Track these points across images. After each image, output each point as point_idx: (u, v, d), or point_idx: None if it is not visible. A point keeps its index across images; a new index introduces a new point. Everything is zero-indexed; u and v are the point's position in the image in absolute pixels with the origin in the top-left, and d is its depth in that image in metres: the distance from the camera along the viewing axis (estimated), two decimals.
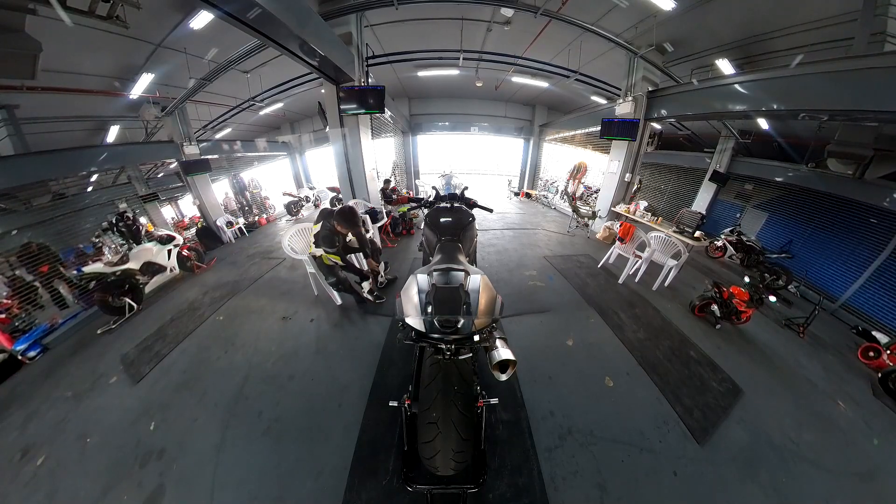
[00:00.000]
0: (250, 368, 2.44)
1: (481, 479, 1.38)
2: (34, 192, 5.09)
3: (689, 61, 5.22)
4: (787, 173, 6.13)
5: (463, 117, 11.12)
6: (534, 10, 4.25)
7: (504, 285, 3.79)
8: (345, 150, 5.24)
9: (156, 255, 4.21)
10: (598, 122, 5.85)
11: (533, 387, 2.22)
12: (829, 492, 1.75)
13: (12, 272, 3.99)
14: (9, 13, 2.95)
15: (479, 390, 1.42)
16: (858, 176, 4.85)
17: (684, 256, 3.86)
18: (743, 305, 3.21)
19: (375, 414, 1.97)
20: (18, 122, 4.60)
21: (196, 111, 6.72)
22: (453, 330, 1.19)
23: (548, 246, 5.42)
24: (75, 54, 4.09)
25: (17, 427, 2.12)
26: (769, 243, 6.00)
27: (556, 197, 9.74)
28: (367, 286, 3.14)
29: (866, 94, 2.80)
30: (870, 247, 4.73)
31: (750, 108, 3.90)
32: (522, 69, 7.14)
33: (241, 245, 6.26)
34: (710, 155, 7.49)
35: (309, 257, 2.99)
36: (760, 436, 2.03)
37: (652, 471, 1.73)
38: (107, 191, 6.83)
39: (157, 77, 5.08)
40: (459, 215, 2.24)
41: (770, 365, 2.81)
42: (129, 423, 2.05)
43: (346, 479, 1.62)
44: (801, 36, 3.84)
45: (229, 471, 1.71)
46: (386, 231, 5.44)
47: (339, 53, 4.00)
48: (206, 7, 2.40)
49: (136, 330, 3.18)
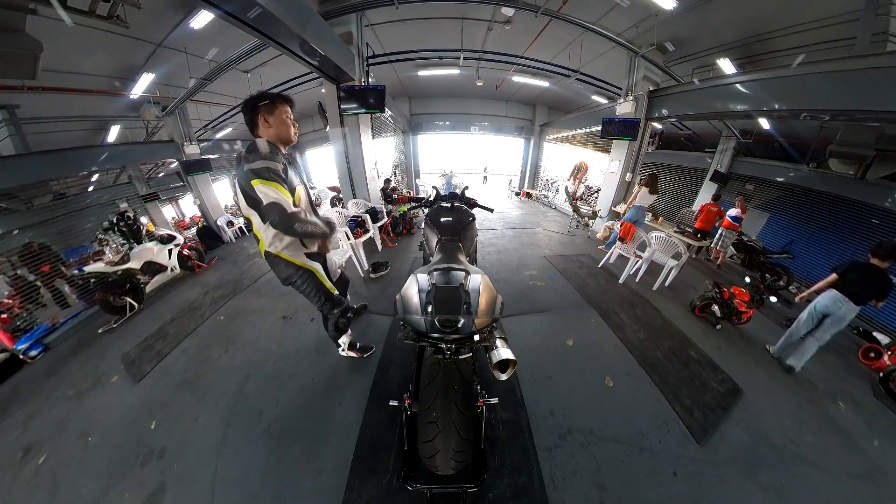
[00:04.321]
0: (251, 368, 2.44)
1: (481, 479, 1.38)
2: (35, 192, 5.11)
3: (690, 61, 5.21)
4: (789, 173, 6.13)
5: (463, 117, 11.12)
6: (534, 9, 4.25)
7: (504, 285, 3.79)
8: (345, 149, 5.25)
9: (157, 255, 4.21)
10: (598, 122, 5.84)
11: (533, 386, 2.22)
12: (829, 492, 1.75)
13: (14, 272, 4.00)
14: (9, 13, 2.95)
15: (480, 390, 1.42)
16: (860, 176, 4.84)
17: (685, 256, 3.85)
18: (743, 306, 3.21)
19: (375, 413, 1.97)
20: (19, 122, 4.61)
21: (196, 111, 6.74)
22: (453, 329, 1.19)
23: (548, 246, 5.41)
24: (76, 54, 4.10)
25: (19, 426, 2.13)
26: (770, 243, 5.99)
27: (557, 196, 9.73)
28: (345, 340, 2.31)
29: (868, 94, 2.80)
30: (871, 247, 4.73)
31: (751, 108, 3.89)
32: (523, 68, 7.14)
33: (242, 244, 6.27)
34: (711, 155, 7.49)
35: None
36: (760, 436, 2.03)
37: (652, 471, 1.73)
38: (108, 190, 6.87)
39: (158, 77, 5.10)
40: (460, 215, 2.24)
41: (770, 365, 2.81)
42: (130, 421, 2.05)
43: (346, 478, 1.62)
44: (802, 35, 3.83)
45: (230, 469, 1.71)
46: (386, 231, 5.44)
47: (339, 53, 4.00)
48: (206, 7, 2.40)
49: (137, 329, 3.19)
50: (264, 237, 1.71)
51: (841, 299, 2.59)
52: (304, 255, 1.82)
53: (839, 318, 2.61)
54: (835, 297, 2.62)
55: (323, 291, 1.92)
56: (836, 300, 2.61)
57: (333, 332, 2.20)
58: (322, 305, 1.99)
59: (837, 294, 2.62)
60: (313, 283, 1.87)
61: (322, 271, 1.91)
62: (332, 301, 1.99)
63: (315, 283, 1.88)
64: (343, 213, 4.44)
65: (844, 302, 2.58)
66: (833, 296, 2.63)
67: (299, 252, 1.80)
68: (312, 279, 1.86)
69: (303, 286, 1.86)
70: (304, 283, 1.85)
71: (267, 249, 1.75)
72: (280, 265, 1.78)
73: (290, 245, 1.75)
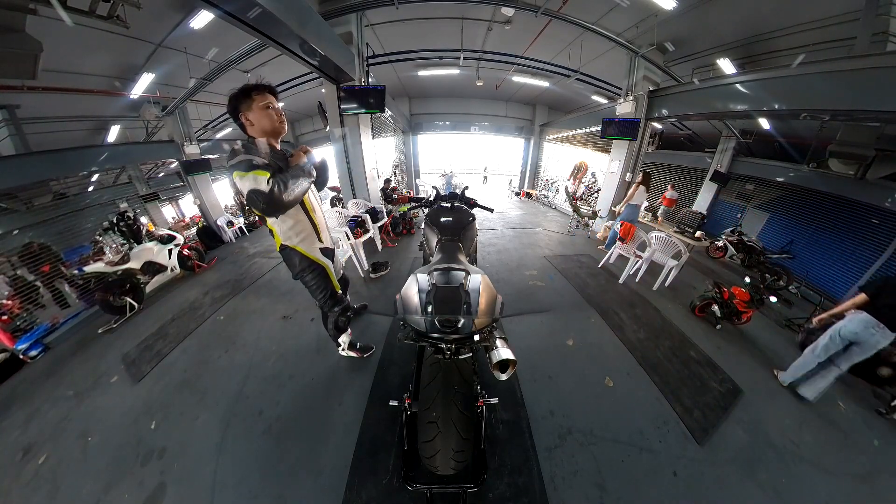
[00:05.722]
0: (251, 368, 2.44)
1: (481, 479, 1.38)
2: (35, 192, 5.10)
3: (690, 61, 5.21)
4: (789, 173, 6.13)
5: (463, 117, 11.12)
6: (534, 9, 4.25)
7: (504, 285, 3.79)
8: (345, 149, 5.25)
9: (156, 255, 4.21)
10: (598, 122, 5.84)
11: (533, 386, 2.22)
12: (828, 493, 1.75)
13: (14, 272, 4.00)
14: (9, 13, 2.95)
15: (480, 390, 1.42)
16: (860, 176, 4.84)
17: (685, 256, 3.85)
18: (743, 306, 3.21)
19: (376, 413, 1.97)
20: (19, 122, 4.61)
21: (196, 111, 6.74)
22: (453, 329, 1.19)
23: (548, 246, 5.41)
24: (76, 54, 4.10)
25: (19, 426, 2.13)
26: (770, 243, 6.00)
27: (557, 196, 9.73)
28: (345, 339, 2.32)
29: (868, 94, 2.79)
30: (871, 247, 4.73)
31: (751, 108, 3.89)
32: (523, 68, 7.14)
33: (242, 245, 6.26)
34: (712, 155, 7.49)
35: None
36: (760, 436, 2.03)
37: (652, 471, 1.73)
38: (108, 190, 6.86)
39: (158, 77, 5.10)
40: (460, 215, 2.23)
41: (770, 365, 2.81)
42: (130, 421, 2.05)
43: (346, 478, 1.62)
44: (802, 35, 3.83)
45: (230, 469, 1.71)
46: (386, 231, 5.44)
47: (339, 53, 4.00)
48: (206, 7, 2.40)
49: (137, 329, 3.18)
50: (279, 231, 1.73)
51: (874, 325, 2.16)
52: (318, 249, 1.87)
53: (870, 347, 2.21)
54: (867, 322, 2.19)
55: (329, 289, 1.98)
56: (869, 326, 2.18)
57: (333, 330, 2.20)
58: (325, 303, 2.03)
59: (869, 318, 2.18)
60: (322, 279, 1.93)
61: (332, 269, 1.97)
62: (335, 299, 2.03)
63: (324, 280, 1.94)
64: (343, 213, 4.44)
65: (879, 329, 2.15)
66: (864, 320, 2.20)
67: (314, 246, 1.85)
68: (323, 275, 1.93)
69: (312, 281, 1.91)
70: (314, 278, 1.90)
71: (283, 243, 1.77)
72: (295, 259, 1.82)
73: (305, 238, 1.79)
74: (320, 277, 1.91)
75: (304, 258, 1.81)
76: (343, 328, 2.24)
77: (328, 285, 1.95)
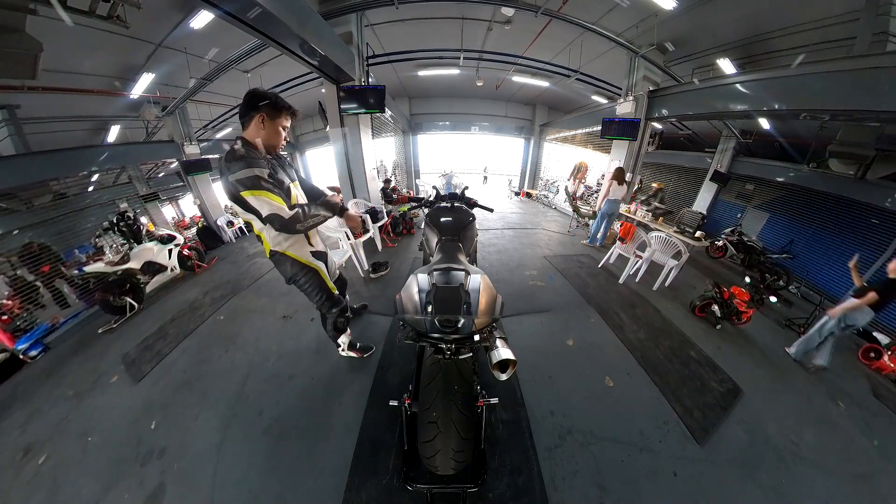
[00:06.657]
0: (251, 368, 2.44)
1: (481, 479, 1.38)
2: (35, 192, 5.11)
3: (690, 61, 5.21)
4: (789, 173, 6.12)
5: (463, 117, 11.12)
6: (534, 9, 4.25)
7: (504, 285, 3.79)
8: (345, 149, 5.25)
9: (156, 255, 4.21)
10: (598, 122, 5.84)
11: (533, 386, 2.22)
12: (829, 492, 1.75)
13: (14, 272, 4.00)
14: (9, 13, 2.95)
15: (479, 390, 1.42)
16: (860, 176, 4.84)
17: (685, 256, 3.85)
18: (743, 306, 3.22)
19: (376, 413, 1.97)
20: (19, 122, 4.62)
21: (196, 111, 6.74)
22: (453, 329, 1.19)
23: (548, 246, 5.41)
24: (76, 54, 4.10)
25: (19, 426, 2.13)
26: (770, 243, 6.00)
27: (557, 196, 9.73)
28: (344, 340, 2.31)
29: (868, 94, 2.79)
30: (871, 247, 4.73)
31: (751, 108, 3.89)
32: (523, 68, 7.14)
33: (242, 244, 6.26)
34: (711, 155, 7.48)
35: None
36: (760, 436, 2.03)
37: (652, 471, 1.73)
38: (108, 190, 6.86)
39: (158, 77, 5.10)
40: (460, 215, 2.24)
41: (770, 365, 2.81)
42: (130, 421, 2.05)
43: (346, 478, 1.62)
44: (802, 35, 3.83)
45: (230, 469, 1.71)
46: (386, 231, 5.44)
47: (339, 53, 4.00)
48: (206, 7, 2.40)
49: (137, 329, 3.18)
50: (268, 238, 1.71)
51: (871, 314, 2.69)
52: (309, 252, 1.84)
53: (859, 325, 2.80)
54: (870, 315, 2.70)
55: (325, 290, 1.96)
56: (867, 315, 2.71)
57: (332, 331, 2.19)
58: (322, 304, 2.01)
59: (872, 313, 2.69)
60: (316, 282, 1.91)
61: (325, 271, 1.94)
62: (332, 300, 2.01)
63: (318, 282, 1.91)
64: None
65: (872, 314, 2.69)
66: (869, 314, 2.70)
67: (305, 250, 1.82)
68: (316, 278, 1.90)
69: (306, 285, 1.89)
70: (308, 281, 1.88)
71: (273, 249, 1.74)
72: (286, 264, 1.80)
73: (295, 243, 1.77)
74: (314, 280, 1.89)
75: (295, 262, 1.79)
76: (342, 329, 2.24)
77: (323, 287, 1.94)
